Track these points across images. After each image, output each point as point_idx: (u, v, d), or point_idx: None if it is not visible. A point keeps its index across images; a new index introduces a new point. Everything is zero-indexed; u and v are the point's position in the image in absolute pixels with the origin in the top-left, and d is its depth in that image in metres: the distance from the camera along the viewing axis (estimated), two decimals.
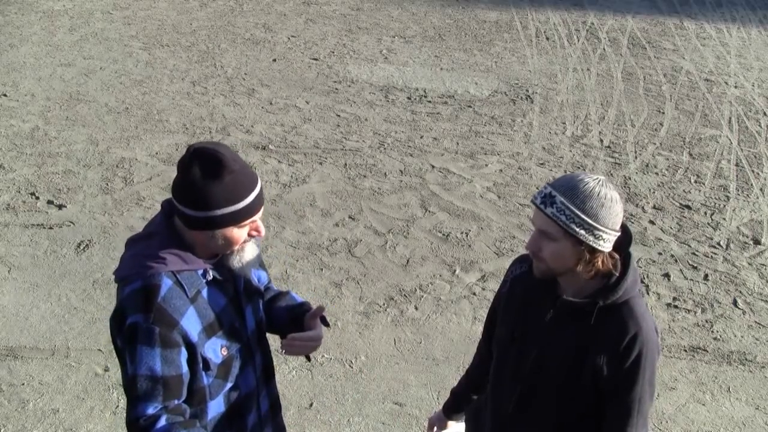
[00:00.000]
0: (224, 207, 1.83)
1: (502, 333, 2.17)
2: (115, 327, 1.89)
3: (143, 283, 1.85)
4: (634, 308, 1.96)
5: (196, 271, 1.92)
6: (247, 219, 1.89)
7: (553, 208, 1.87)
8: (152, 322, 1.82)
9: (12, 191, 5.69)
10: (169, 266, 1.86)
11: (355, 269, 4.89)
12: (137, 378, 1.84)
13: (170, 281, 1.86)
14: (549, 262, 1.93)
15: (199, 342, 1.90)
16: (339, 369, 4.04)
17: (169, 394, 1.87)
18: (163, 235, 1.91)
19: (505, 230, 5.38)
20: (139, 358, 1.83)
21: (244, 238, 1.93)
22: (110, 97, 7.50)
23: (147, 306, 1.82)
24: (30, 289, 4.59)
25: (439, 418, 2.55)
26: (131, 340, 1.84)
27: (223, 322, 1.96)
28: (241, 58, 8.76)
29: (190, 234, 1.91)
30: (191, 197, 1.83)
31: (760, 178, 6.28)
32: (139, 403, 1.85)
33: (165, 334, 1.83)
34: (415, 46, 9.39)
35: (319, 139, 6.73)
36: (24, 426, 3.60)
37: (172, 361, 1.85)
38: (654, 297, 4.70)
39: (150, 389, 1.84)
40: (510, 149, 6.65)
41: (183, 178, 1.85)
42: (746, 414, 3.85)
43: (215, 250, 1.94)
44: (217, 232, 1.88)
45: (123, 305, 1.87)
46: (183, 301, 1.87)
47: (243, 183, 1.86)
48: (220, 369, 1.97)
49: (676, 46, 9.64)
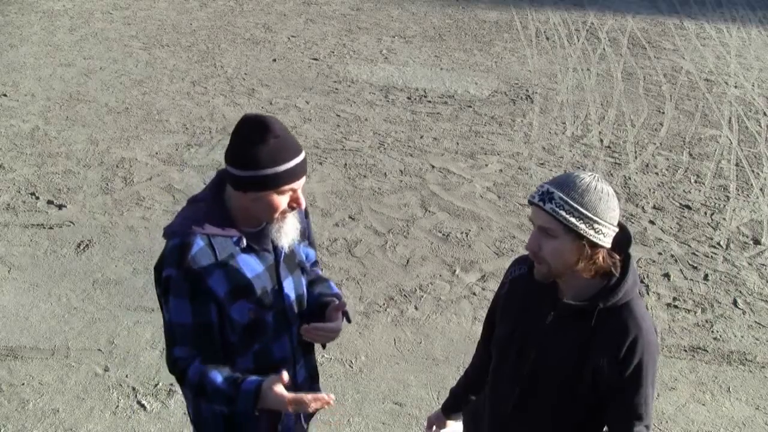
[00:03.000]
0: (268, 168, 1.98)
1: (501, 334, 2.16)
2: (156, 276, 2.11)
3: (180, 241, 2.04)
4: (635, 310, 1.96)
5: (231, 237, 2.08)
6: (289, 183, 2.02)
7: (552, 204, 1.87)
8: (182, 277, 2.02)
9: (12, 191, 5.69)
10: (205, 229, 2.05)
11: (355, 269, 4.89)
12: (172, 324, 2.07)
13: (203, 243, 2.04)
14: (550, 262, 1.92)
15: (226, 301, 2.06)
16: (339, 369, 4.04)
17: (200, 340, 2.06)
18: (209, 201, 2.10)
19: (505, 230, 5.38)
20: (173, 307, 2.05)
21: (283, 207, 2.06)
22: (110, 97, 7.50)
23: (180, 262, 2.02)
24: (30, 289, 4.59)
25: (438, 418, 2.55)
26: (166, 290, 2.05)
27: (256, 288, 2.11)
28: (241, 58, 8.76)
29: (237, 200, 2.06)
30: (239, 157, 2.00)
31: (760, 178, 6.28)
32: (175, 347, 2.08)
33: (194, 288, 2.02)
34: (415, 46, 9.39)
35: (319, 139, 6.73)
36: (24, 426, 3.60)
37: (202, 313, 2.05)
38: (654, 297, 4.69)
39: (183, 335, 2.06)
40: (510, 149, 6.65)
41: (234, 139, 2.04)
42: (746, 414, 3.85)
43: (257, 216, 2.09)
44: (260, 195, 2.02)
45: (163, 257, 2.09)
46: (211, 262, 2.04)
47: (287, 148, 2.02)
48: (246, 330, 2.12)
49: (676, 46, 9.64)
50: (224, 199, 2.09)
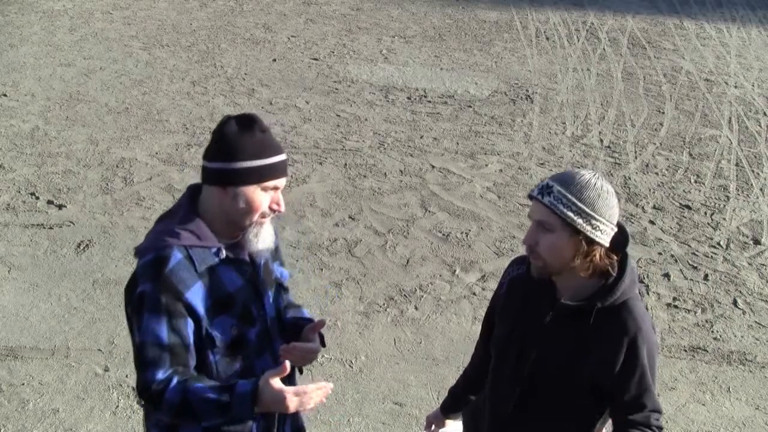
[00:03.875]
0: (253, 159, 1.91)
1: (500, 334, 2.16)
2: (127, 296, 1.95)
3: (155, 255, 1.91)
4: (633, 309, 1.96)
5: (210, 248, 1.95)
6: (272, 178, 1.95)
7: (551, 197, 1.89)
8: (159, 291, 1.86)
9: (12, 191, 5.69)
10: (182, 241, 1.92)
11: (355, 269, 4.89)
12: (145, 345, 1.88)
13: (180, 255, 1.91)
14: (546, 257, 1.92)
15: (206, 317, 1.93)
16: (339, 369, 4.04)
17: (176, 360, 1.89)
18: (183, 212, 1.98)
19: (505, 230, 5.38)
20: (146, 326, 1.87)
21: (264, 208, 1.97)
22: (110, 97, 7.50)
23: (155, 276, 1.88)
24: (30, 289, 4.59)
25: (437, 417, 2.55)
26: (139, 307, 1.89)
27: (237, 302, 1.99)
28: (241, 58, 8.76)
29: (214, 206, 1.96)
30: (224, 149, 1.92)
31: (760, 178, 6.28)
32: (147, 370, 1.88)
33: (170, 303, 1.87)
34: (415, 46, 9.39)
35: (319, 139, 6.73)
36: (24, 426, 3.60)
37: (178, 330, 1.89)
38: (654, 297, 4.69)
39: (157, 356, 1.87)
40: (510, 149, 6.65)
41: (218, 133, 1.95)
42: (746, 414, 3.85)
43: (235, 220, 1.97)
44: (241, 192, 1.92)
45: (136, 275, 1.93)
46: (190, 275, 1.91)
47: (272, 143, 1.96)
48: (228, 347, 1.98)
49: (676, 46, 9.64)
50: (199, 210, 1.98)
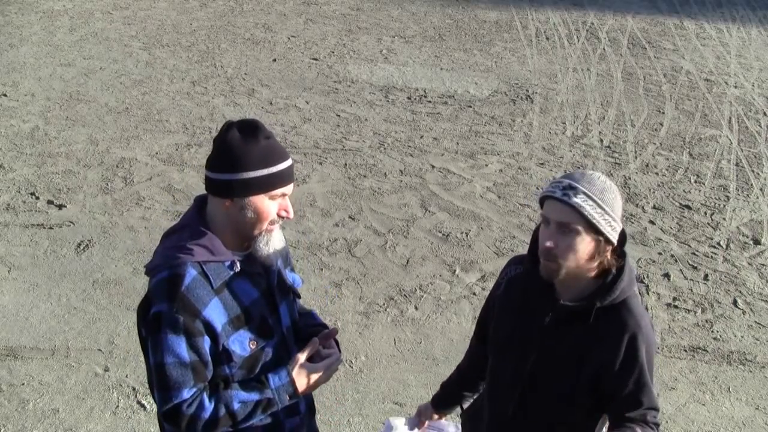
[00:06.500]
0: (259, 168, 1.86)
1: (499, 336, 2.16)
2: (141, 316, 1.91)
3: (169, 273, 1.87)
4: (632, 307, 1.96)
5: (223, 262, 1.92)
6: (281, 186, 1.90)
7: (578, 199, 1.86)
8: (176, 311, 1.83)
9: (12, 191, 5.69)
10: (195, 257, 1.88)
11: (355, 269, 4.89)
12: (165, 366, 1.84)
13: (195, 271, 1.87)
14: (562, 259, 1.89)
15: (224, 333, 1.90)
16: (339, 369, 4.02)
17: (198, 377, 1.88)
18: (193, 227, 1.93)
19: (505, 230, 5.38)
20: (166, 346, 1.84)
21: (273, 216, 1.93)
22: (110, 97, 7.50)
23: (171, 295, 1.84)
24: (30, 289, 4.59)
25: (427, 408, 2.55)
26: (156, 328, 1.84)
27: (253, 316, 1.96)
28: (241, 58, 8.76)
29: (221, 218, 1.92)
30: (228, 159, 1.86)
31: (760, 178, 6.28)
32: (173, 391, 1.85)
33: (188, 322, 1.84)
34: (415, 46, 9.39)
35: (319, 139, 6.73)
36: (24, 426, 3.60)
37: (198, 348, 1.86)
38: (654, 297, 4.69)
39: (181, 375, 1.85)
40: (510, 149, 6.65)
41: (221, 143, 1.89)
42: (746, 414, 3.85)
43: (244, 230, 1.93)
44: (248, 202, 1.88)
45: (150, 295, 1.89)
46: (207, 292, 1.87)
47: (277, 150, 1.90)
48: (246, 361, 1.95)
49: (676, 46, 9.64)
50: (207, 223, 1.93)
